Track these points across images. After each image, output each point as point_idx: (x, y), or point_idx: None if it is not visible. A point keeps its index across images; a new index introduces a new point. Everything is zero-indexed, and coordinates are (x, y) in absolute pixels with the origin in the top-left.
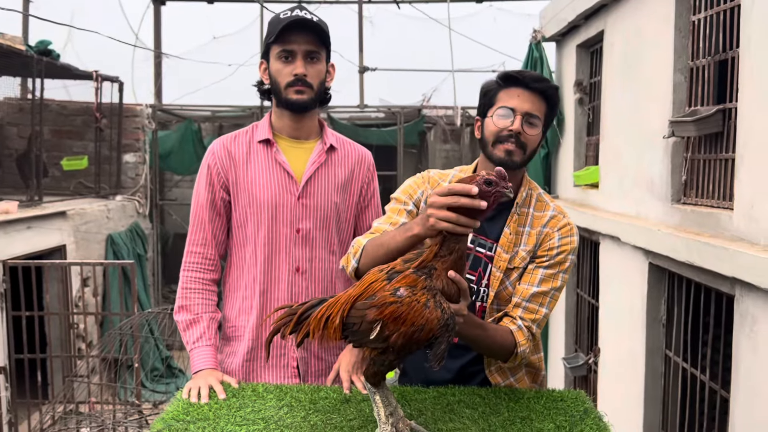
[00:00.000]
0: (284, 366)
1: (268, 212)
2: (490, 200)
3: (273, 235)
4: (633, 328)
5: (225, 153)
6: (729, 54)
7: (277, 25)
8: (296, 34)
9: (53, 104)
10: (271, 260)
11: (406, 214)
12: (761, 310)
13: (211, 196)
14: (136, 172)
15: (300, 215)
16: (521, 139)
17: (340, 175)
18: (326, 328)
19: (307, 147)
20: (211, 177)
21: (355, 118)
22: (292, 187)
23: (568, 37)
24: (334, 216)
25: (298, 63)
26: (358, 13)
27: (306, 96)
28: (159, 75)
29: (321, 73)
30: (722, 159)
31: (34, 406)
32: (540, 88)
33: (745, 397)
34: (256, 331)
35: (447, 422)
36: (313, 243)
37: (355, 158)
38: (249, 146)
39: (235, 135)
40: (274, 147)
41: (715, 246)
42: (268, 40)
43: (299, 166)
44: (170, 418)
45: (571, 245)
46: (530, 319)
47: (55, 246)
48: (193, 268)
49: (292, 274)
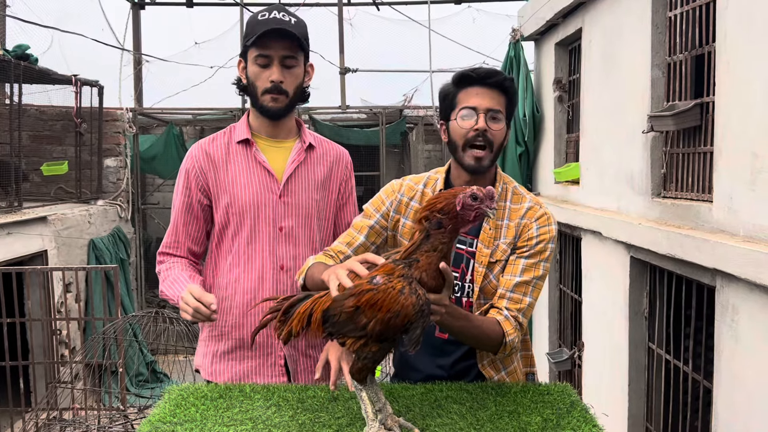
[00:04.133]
0: (272, 365)
1: (250, 211)
2: (471, 215)
3: (256, 234)
4: (616, 322)
5: (204, 156)
6: (705, 49)
7: (254, 27)
8: (274, 40)
9: (32, 109)
10: (255, 259)
11: (368, 230)
12: (742, 300)
13: (187, 200)
14: (117, 176)
15: (282, 213)
16: (488, 136)
17: (319, 173)
18: (309, 324)
19: (286, 146)
20: (188, 181)
21: (337, 119)
22: (273, 186)
23: (546, 36)
24: (315, 213)
25: (274, 69)
26: (338, 14)
27: (280, 104)
28: (139, 79)
29: (298, 77)
30: (701, 152)
31: (16, 414)
32: (495, 83)
33: (727, 385)
34: (240, 331)
35: (435, 418)
36: (296, 240)
37: (333, 156)
38: (228, 147)
39: (213, 137)
40: (254, 147)
41: (695, 238)
42: (246, 42)
43: (279, 165)
44: (157, 420)
45: (549, 234)
46: (516, 309)
47: (36, 252)
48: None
49: (276, 272)
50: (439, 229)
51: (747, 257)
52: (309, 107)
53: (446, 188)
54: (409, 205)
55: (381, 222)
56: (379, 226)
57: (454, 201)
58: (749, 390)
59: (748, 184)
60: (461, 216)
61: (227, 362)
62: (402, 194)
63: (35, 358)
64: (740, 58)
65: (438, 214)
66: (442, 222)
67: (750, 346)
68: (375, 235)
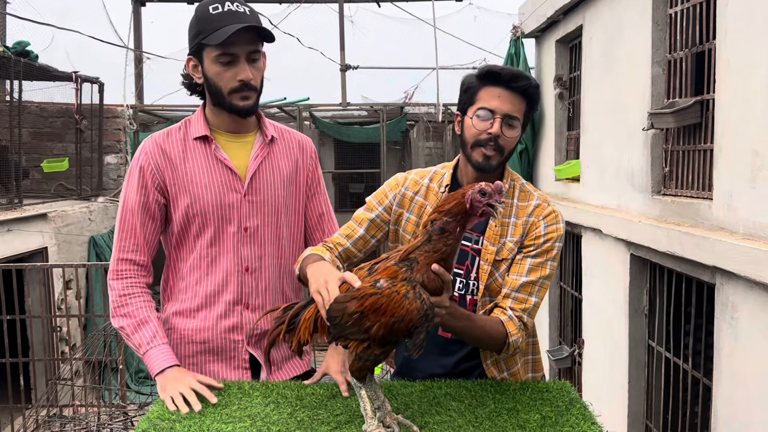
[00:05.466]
0: (236, 368)
1: (213, 213)
2: (479, 211)
3: (219, 236)
4: (616, 320)
5: (159, 152)
6: (706, 46)
7: (211, 23)
8: (237, 35)
9: (32, 106)
10: (218, 261)
11: (368, 223)
12: (741, 297)
13: (143, 199)
14: (117, 173)
15: (247, 213)
16: (500, 143)
17: (284, 168)
18: (316, 330)
19: (247, 141)
20: (144, 179)
21: (338, 117)
22: (237, 185)
23: (547, 33)
24: (283, 210)
25: (242, 67)
26: (339, 12)
27: (252, 101)
28: (140, 76)
29: (262, 70)
30: (701, 150)
31: (17, 411)
32: (520, 88)
33: (726, 382)
34: (201, 334)
35: (434, 415)
36: (262, 240)
37: (297, 148)
38: (184, 143)
39: (167, 131)
40: (213, 143)
41: (695, 236)
42: (201, 39)
43: (241, 162)
44: (155, 417)
45: (557, 232)
46: (520, 309)
47: (36, 248)
48: (126, 275)
49: (241, 274)
50: (441, 234)
51: (747, 255)
52: (310, 104)
53: (453, 183)
54: (414, 200)
55: (383, 215)
56: (380, 220)
57: (464, 199)
58: (749, 387)
59: (748, 181)
60: (469, 213)
61: (191, 368)
62: (406, 188)
63: (35, 355)
64: (740, 55)
65: (446, 217)
66: (445, 227)
67: (749, 344)
68: (375, 228)
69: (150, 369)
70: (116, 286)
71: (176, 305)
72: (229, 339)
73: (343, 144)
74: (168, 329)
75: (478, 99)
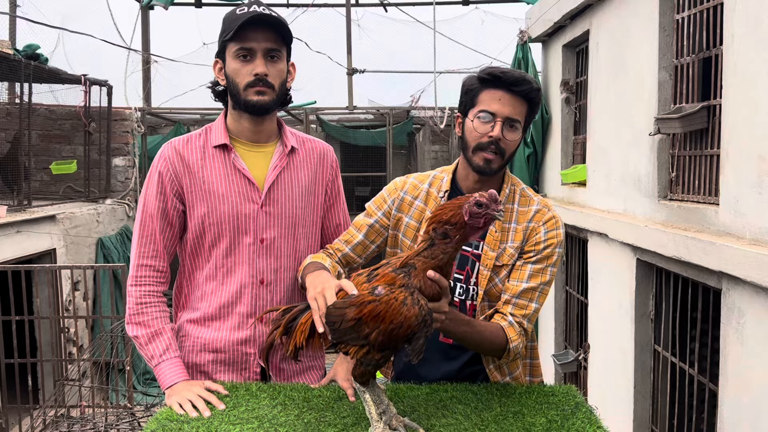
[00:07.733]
0: (247, 379)
1: (229, 223)
2: (480, 222)
3: (235, 247)
4: (622, 324)
5: (178, 159)
6: (713, 51)
7: (233, 22)
8: (255, 30)
9: (41, 108)
10: (233, 272)
11: (367, 228)
12: (748, 303)
13: (162, 205)
14: (125, 175)
15: (264, 224)
16: (501, 146)
17: (303, 179)
18: (312, 336)
19: (267, 151)
20: (163, 185)
21: (344, 120)
22: (255, 195)
23: (554, 38)
24: (301, 222)
25: (258, 62)
26: (346, 15)
27: (267, 97)
28: (148, 79)
29: (282, 72)
30: (707, 155)
31: (24, 411)
32: (522, 91)
33: (733, 388)
34: (214, 344)
35: (440, 418)
36: (279, 252)
37: (316, 157)
38: (203, 151)
39: (187, 138)
40: (232, 152)
41: (701, 241)
42: (224, 38)
43: (260, 172)
44: (164, 418)
45: (557, 238)
46: (521, 315)
47: (44, 250)
48: (144, 282)
49: (256, 287)
50: (444, 239)
51: (753, 260)
52: (316, 108)
53: (452, 188)
54: (413, 204)
55: (382, 221)
56: (380, 225)
57: (461, 211)
58: (755, 393)
59: (755, 186)
60: (470, 225)
61: (202, 376)
62: (405, 192)
63: (43, 355)
64: (747, 60)
65: (446, 226)
66: (448, 232)
67: (756, 349)
68: (375, 233)
69: (160, 382)
70: (134, 293)
71: (190, 313)
72: (241, 351)
73: (350, 147)
74: (182, 336)
75: (479, 101)
